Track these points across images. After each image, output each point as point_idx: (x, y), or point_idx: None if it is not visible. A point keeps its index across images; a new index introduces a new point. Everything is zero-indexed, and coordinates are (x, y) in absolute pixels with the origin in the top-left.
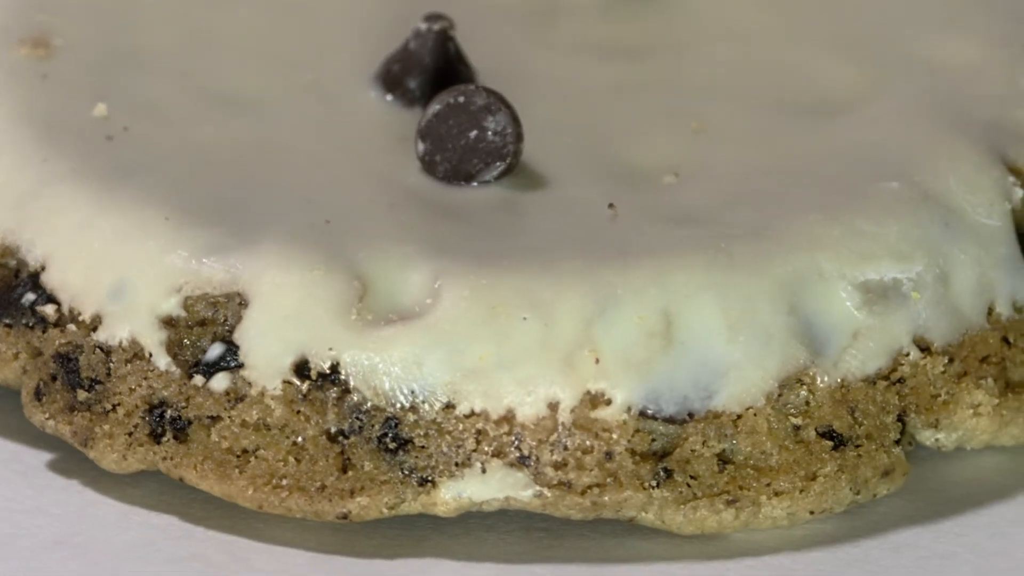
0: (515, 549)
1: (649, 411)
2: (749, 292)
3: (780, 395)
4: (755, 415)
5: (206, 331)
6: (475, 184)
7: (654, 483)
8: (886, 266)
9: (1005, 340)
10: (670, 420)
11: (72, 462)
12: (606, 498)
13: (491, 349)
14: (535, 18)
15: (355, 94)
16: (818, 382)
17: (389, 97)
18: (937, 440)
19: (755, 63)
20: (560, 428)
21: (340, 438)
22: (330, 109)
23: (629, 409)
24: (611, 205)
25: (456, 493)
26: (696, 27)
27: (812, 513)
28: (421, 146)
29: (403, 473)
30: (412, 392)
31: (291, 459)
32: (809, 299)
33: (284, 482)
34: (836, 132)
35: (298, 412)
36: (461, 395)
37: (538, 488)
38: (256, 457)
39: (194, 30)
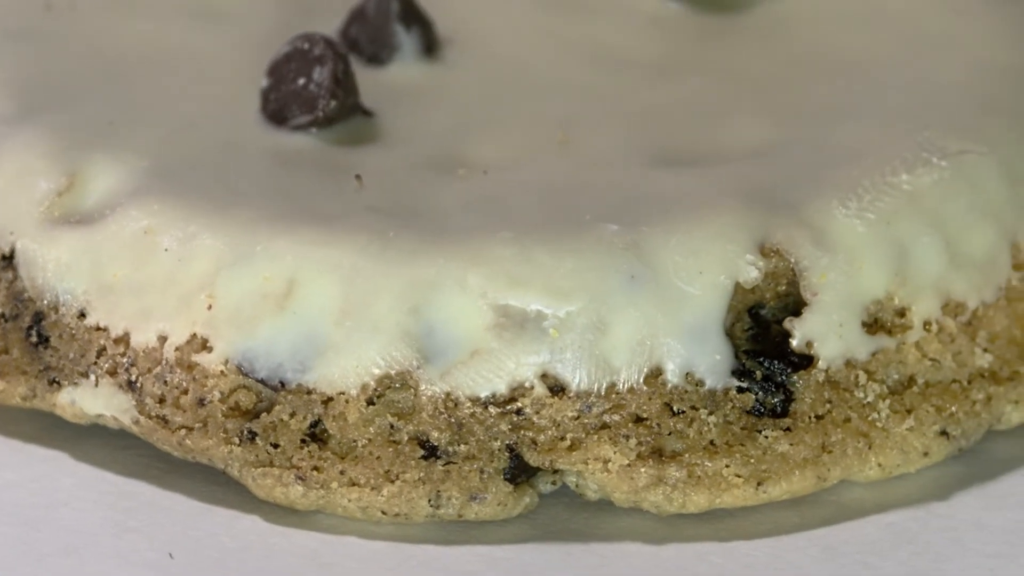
0: (122, 468)
1: (244, 369)
2: (378, 282)
3: (380, 390)
4: (347, 402)
5: None
6: (288, 129)
7: (237, 441)
8: (533, 297)
9: (669, 407)
10: (263, 383)
11: None
12: (190, 442)
13: (126, 270)
14: (567, 13)
15: (319, 27)
16: (422, 388)
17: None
18: (578, 486)
19: (699, 100)
20: (164, 363)
21: (3, 321)
22: (280, 34)
23: (227, 361)
24: (358, 176)
25: (71, 400)
26: (705, 54)
27: (384, 514)
28: (265, 82)
29: (39, 368)
30: (56, 293)
31: None
32: (439, 306)
33: None
34: (663, 176)
35: None
36: (92, 307)
37: (137, 415)
38: None
39: None
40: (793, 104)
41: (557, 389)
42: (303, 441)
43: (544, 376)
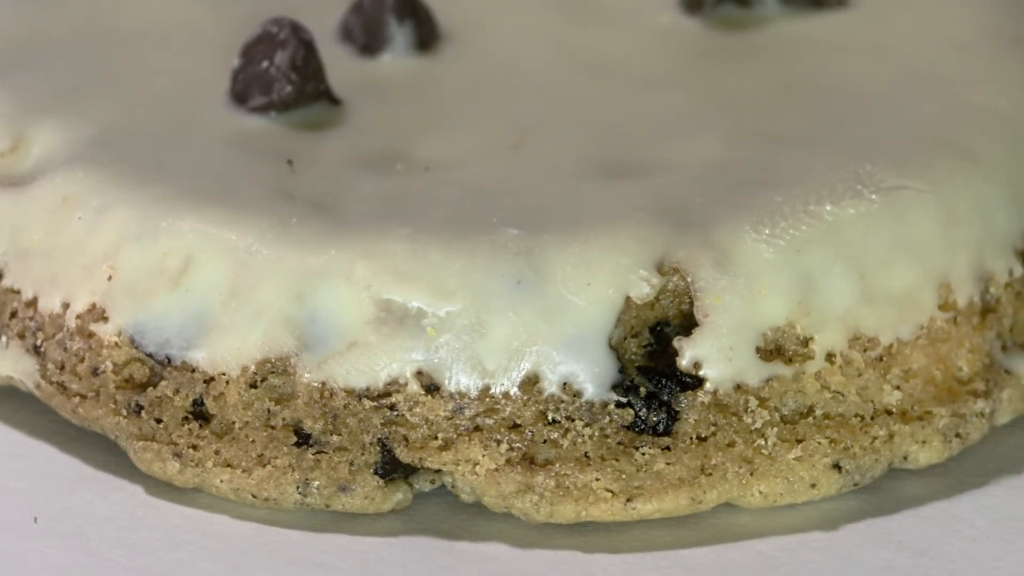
0: (31, 430)
1: (135, 341)
2: (268, 267)
3: (261, 374)
4: (227, 383)
5: None
6: (246, 110)
7: (125, 412)
8: (416, 294)
9: (544, 415)
10: (151, 357)
11: None
12: (83, 411)
13: (41, 235)
14: (580, 20)
15: (325, 14)
16: (298, 375)
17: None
18: (454, 487)
19: (668, 116)
20: (66, 330)
21: None
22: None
23: (120, 333)
24: (289, 161)
25: None
26: (698, 71)
27: (255, 497)
28: (236, 62)
29: None
30: None
31: None
32: (324, 295)
33: None
34: (594, 187)
35: None
36: (9, 270)
37: (39, 379)
38: None
39: None
40: (759, 127)
41: (431, 388)
42: (185, 418)
43: (419, 374)
